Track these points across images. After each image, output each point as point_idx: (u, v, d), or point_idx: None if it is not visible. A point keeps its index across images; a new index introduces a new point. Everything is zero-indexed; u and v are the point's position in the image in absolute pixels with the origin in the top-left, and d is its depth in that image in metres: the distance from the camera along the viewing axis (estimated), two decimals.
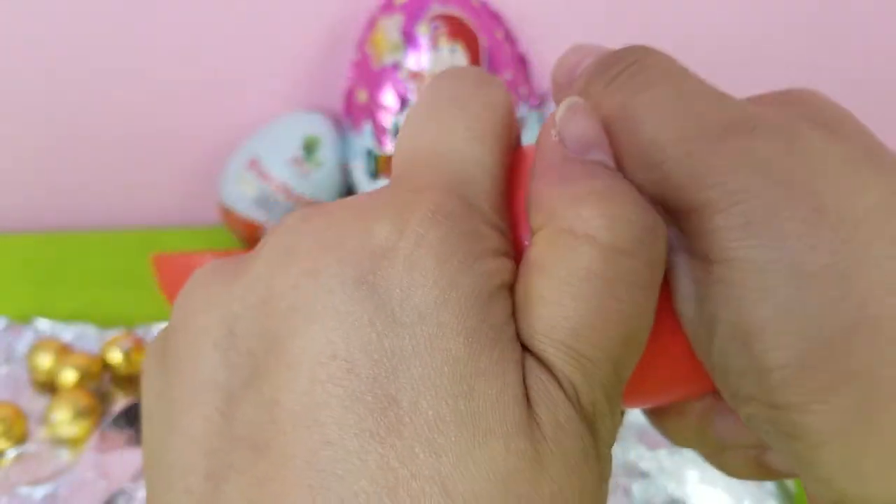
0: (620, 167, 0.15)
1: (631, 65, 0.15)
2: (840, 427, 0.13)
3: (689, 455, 0.39)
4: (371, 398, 0.11)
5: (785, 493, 0.39)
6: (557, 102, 0.16)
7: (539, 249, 0.13)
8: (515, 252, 0.14)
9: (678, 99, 0.14)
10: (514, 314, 0.13)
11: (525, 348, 0.12)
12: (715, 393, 0.16)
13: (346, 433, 0.11)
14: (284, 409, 0.11)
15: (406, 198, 0.13)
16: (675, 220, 0.14)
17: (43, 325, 0.51)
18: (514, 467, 0.11)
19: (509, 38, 0.56)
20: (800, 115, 0.15)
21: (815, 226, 0.13)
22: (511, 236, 0.14)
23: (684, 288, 0.14)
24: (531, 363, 0.12)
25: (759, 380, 0.13)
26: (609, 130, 0.15)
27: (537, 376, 0.12)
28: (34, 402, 0.46)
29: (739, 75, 0.18)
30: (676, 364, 0.15)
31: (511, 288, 0.13)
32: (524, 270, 0.13)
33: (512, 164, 0.15)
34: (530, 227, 0.14)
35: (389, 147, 0.55)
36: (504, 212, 0.14)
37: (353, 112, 0.57)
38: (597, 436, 0.12)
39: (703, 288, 0.14)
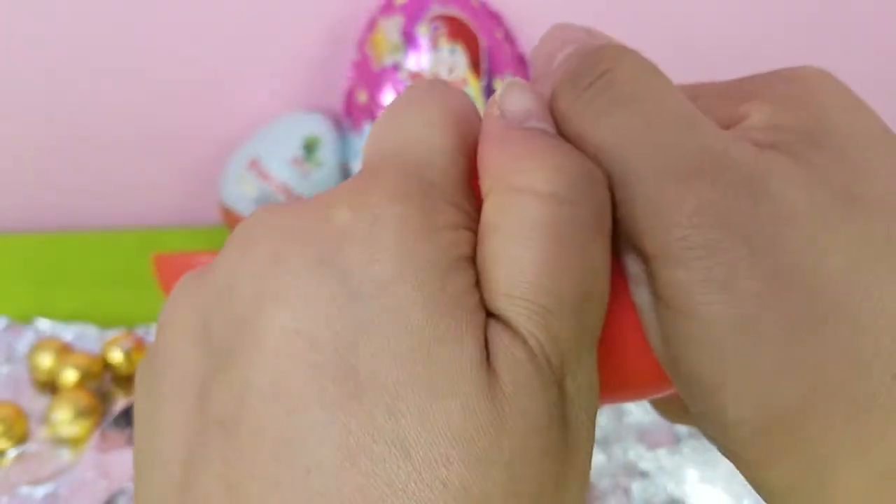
0: None
1: (601, 76, 0.15)
2: (796, 485, 0.13)
3: (688, 455, 0.39)
4: (333, 369, 0.11)
5: None
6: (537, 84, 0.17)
7: (488, 211, 0.13)
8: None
9: (645, 129, 0.14)
10: (478, 283, 0.13)
11: (491, 314, 0.13)
12: None
13: (310, 403, 0.11)
14: (253, 387, 0.12)
15: (363, 183, 0.13)
16: (634, 260, 0.14)
17: (43, 324, 0.51)
18: (473, 426, 0.11)
19: (509, 38, 0.56)
20: (788, 127, 0.14)
21: (774, 286, 0.13)
22: (476, 215, 0.14)
23: (650, 323, 0.14)
24: (494, 325, 0.12)
25: (719, 428, 0.14)
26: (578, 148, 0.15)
27: (499, 336, 0.12)
28: (35, 402, 0.46)
29: (739, 75, 0.19)
30: (645, 366, 0.15)
31: (473, 259, 0.13)
32: (480, 236, 0.13)
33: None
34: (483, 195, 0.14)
35: None
36: (467, 191, 0.14)
37: (354, 112, 0.57)
38: (565, 395, 0.12)
39: (666, 329, 0.14)
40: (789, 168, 0.13)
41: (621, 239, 0.14)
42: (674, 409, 0.18)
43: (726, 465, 0.39)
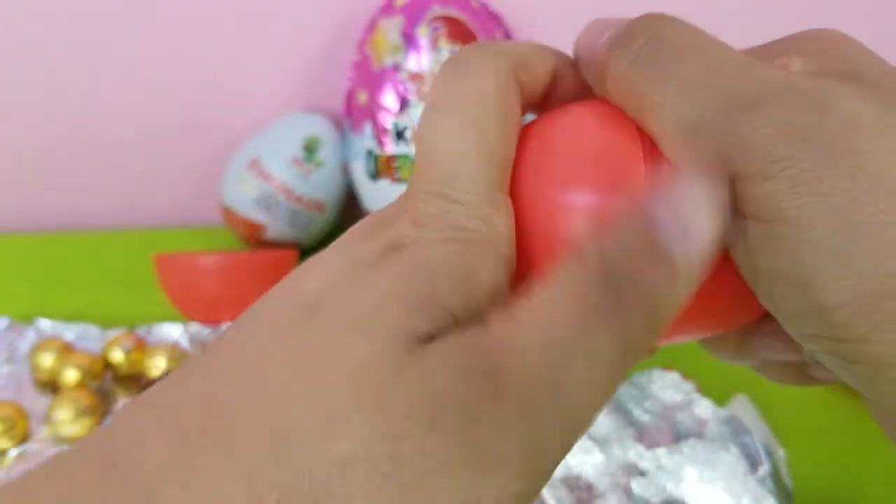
0: (659, 146, 0.16)
1: (650, 39, 0.16)
2: None
3: (687, 454, 0.39)
4: (306, 305, 0.14)
5: (784, 493, 0.40)
6: (585, 77, 0.18)
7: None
8: (526, 223, 0.16)
9: (706, 75, 0.15)
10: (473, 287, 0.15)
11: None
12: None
13: (285, 323, 0.14)
14: (257, 311, 0.15)
15: (400, 206, 0.16)
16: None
17: (45, 324, 0.51)
18: (368, 366, 0.13)
19: (509, 38, 0.56)
20: (827, 69, 0.16)
21: (857, 181, 0.14)
22: (504, 220, 0.16)
23: (738, 244, 0.15)
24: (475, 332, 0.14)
25: (820, 319, 0.15)
26: (639, 111, 0.16)
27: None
28: (36, 402, 0.46)
29: None
30: (735, 294, 0.17)
31: (484, 264, 0.15)
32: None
33: (534, 130, 0.17)
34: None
35: (390, 148, 0.55)
36: (495, 193, 0.15)
37: (354, 113, 0.57)
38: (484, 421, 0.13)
39: (757, 244, 0.15)
40: (845, 88, 0.15)
41: None
42: (730, 345, 0.19)
43: (726, 465, 0.39)
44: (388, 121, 0.55)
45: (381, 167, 0.56)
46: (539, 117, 0.18)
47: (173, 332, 0.50)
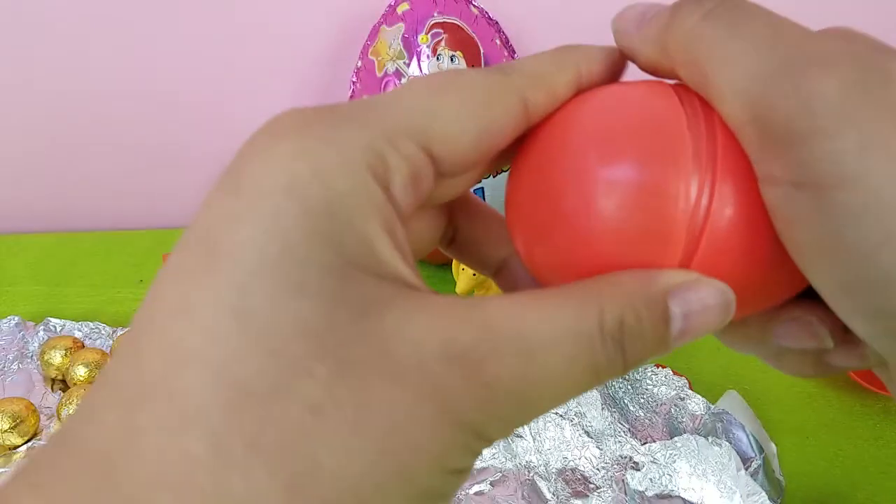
0: (714, 104, 0.16)
1: (722, 1, 0.16)
2: None
3: (681, 448, 0.40)
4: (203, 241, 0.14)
5: (775, 487, 0.40)
6: (621, 47, 0.18)
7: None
8: (562, 187, 0.16)
9: (775, 35, 0.16)
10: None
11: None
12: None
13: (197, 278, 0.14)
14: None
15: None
16: (779, 151, 0.15)
17: (55, 322, 0.52)
18: (321, 327, 0.13)
19: (508, 45, 0.57)
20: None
21: None
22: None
23: (794, 216, 0.15)
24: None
25: (878, 290, 0.14)
26: (702, 66, 0.16)
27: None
28: (46, 398, 0.47)
29: None
30: (777, 272, 0.16)
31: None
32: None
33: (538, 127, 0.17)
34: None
35: None
36: (412, 139, 0.16)
37: None
38: None
39: (817, 213, 0.15)
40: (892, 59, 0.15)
41: (753, 147, 0.15)
42: (749, 333, 0.19)
43: (717, 459, 0.39)
44: None
45: None
46: (577, 95, 0.18)
47: None
